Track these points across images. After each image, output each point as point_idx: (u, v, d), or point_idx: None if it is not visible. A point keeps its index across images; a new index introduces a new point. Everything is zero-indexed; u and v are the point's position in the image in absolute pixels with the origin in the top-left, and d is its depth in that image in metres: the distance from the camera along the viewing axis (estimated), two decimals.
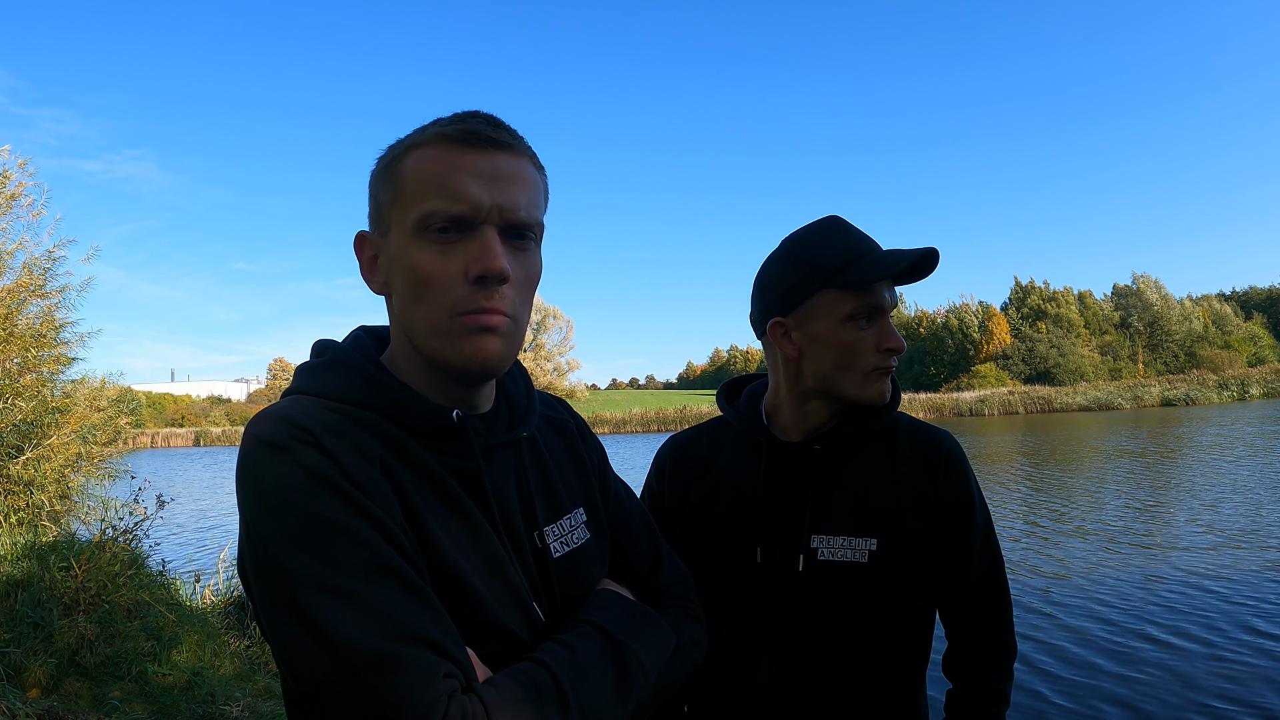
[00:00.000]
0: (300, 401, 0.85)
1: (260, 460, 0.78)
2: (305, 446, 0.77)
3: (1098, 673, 5.01)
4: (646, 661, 0.90)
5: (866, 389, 1.31)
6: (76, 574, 4.66)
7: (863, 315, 1.29)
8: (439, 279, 0.83)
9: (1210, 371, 54.73)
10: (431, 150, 0.85)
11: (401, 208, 0.85)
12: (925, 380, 69.99)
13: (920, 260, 1.28)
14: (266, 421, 0.81)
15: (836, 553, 1.29)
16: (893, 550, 1.29)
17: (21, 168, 7.46)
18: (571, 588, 0.95)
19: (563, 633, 0.88)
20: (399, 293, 0.87)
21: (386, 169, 0.88)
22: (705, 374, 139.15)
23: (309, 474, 0.76)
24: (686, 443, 1.50)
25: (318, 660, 0.72)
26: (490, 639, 0.83)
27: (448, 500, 0.86)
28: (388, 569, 0.75)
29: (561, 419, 1.10)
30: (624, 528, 1.09)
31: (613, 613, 0.94)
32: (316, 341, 0.95)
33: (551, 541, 0.95)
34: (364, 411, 0.85)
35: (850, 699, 1.28)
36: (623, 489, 1.14)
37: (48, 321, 7.43)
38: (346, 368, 0.89)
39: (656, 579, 1.07)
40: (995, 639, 1.34)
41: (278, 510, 0.75)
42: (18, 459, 6.64)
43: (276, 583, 0.74)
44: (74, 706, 3.81)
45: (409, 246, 0.84)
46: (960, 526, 1.33)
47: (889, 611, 1.30)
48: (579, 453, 1.09)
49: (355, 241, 0.92)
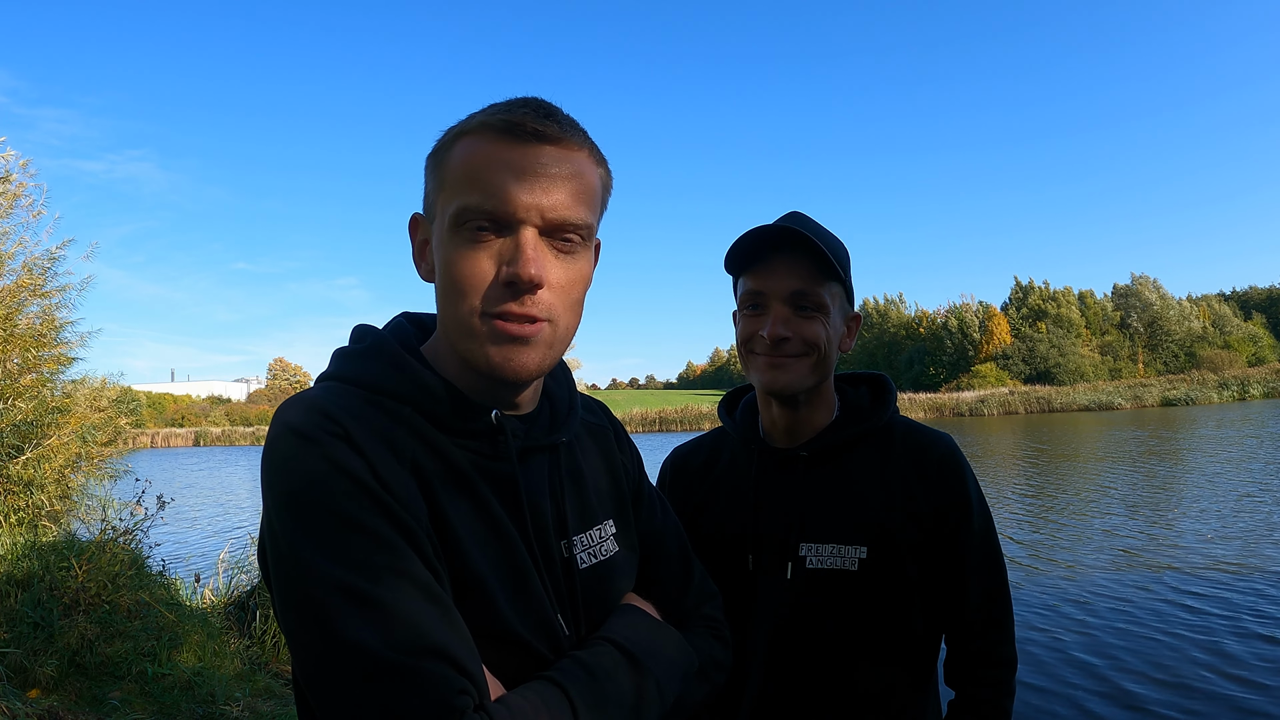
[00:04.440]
0: (334, 389, 0.81)
1: (288, 449, 0.75)
2: (335, 439, 0.74)
3: (1094, 675, 5.01)
4: (665, 683, 0.87)
5: (762, 376, 1.27)
6: (77, 574, 4.66)
7: (749, 303, 1.28)
8: (471, 278, 0.79)
9: (1210, 371, 54.64)
10: (475, 140, 0.81)
11: (444, 198, 0.82)
12: (925, 380, 69.92)
13: (777, 236, 1.23)
14: (298, 408, 0.77)
15: (825, 561, 1.26)
16: (884, 558, 1.25)
17: (23, 168, 7.46)
18: (597, 601, 0.92)
19: (582, 649, 0.85)
20: (439, 286, 0.84)
21: (435, 155, 0.85)
22: (705, 374, 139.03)
23: (337, 470, 0.73)
24: (687, 453, 1.49)
25: (329, 662, 0.70)
26: (506, 652, 0.81)
27: (478, 505, 0.82)
28: (409, 576, 0.72)
29: (600, 424, 1.06)
30: (656, 542, 1.04)
31: (635, 631, 0.90)
32: (357, 326, 0.91)
33: (579, 552, 0.91)
34: (399, 404, 0.81)
35: (840, 709, 1.25)
36: (657, 501, 1.10)
37: (48, 321, 7.41)
38: (385, 356, 0.85)
39: (685, 598, 1.03)
40: (993, 650, 1.28)
41: (302, 505, 0.73)
42: (18, 459, 6.63)
43: (295, 579, 0.72)
44: (74, 706, 3.80)
45: (446, 240, 0.81)
46: (954, 531, 1.27)
47: (883, 622, 1.26)
48: (614, 460, 1.04)
49: (410, 224, 0.88)
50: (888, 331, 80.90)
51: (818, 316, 1.25)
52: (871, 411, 1.35)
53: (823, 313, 1.25)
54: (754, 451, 1.36)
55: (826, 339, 1.26)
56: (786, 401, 1.30)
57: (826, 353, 1.27)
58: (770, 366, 1.26)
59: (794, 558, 1.27)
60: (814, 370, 1.27)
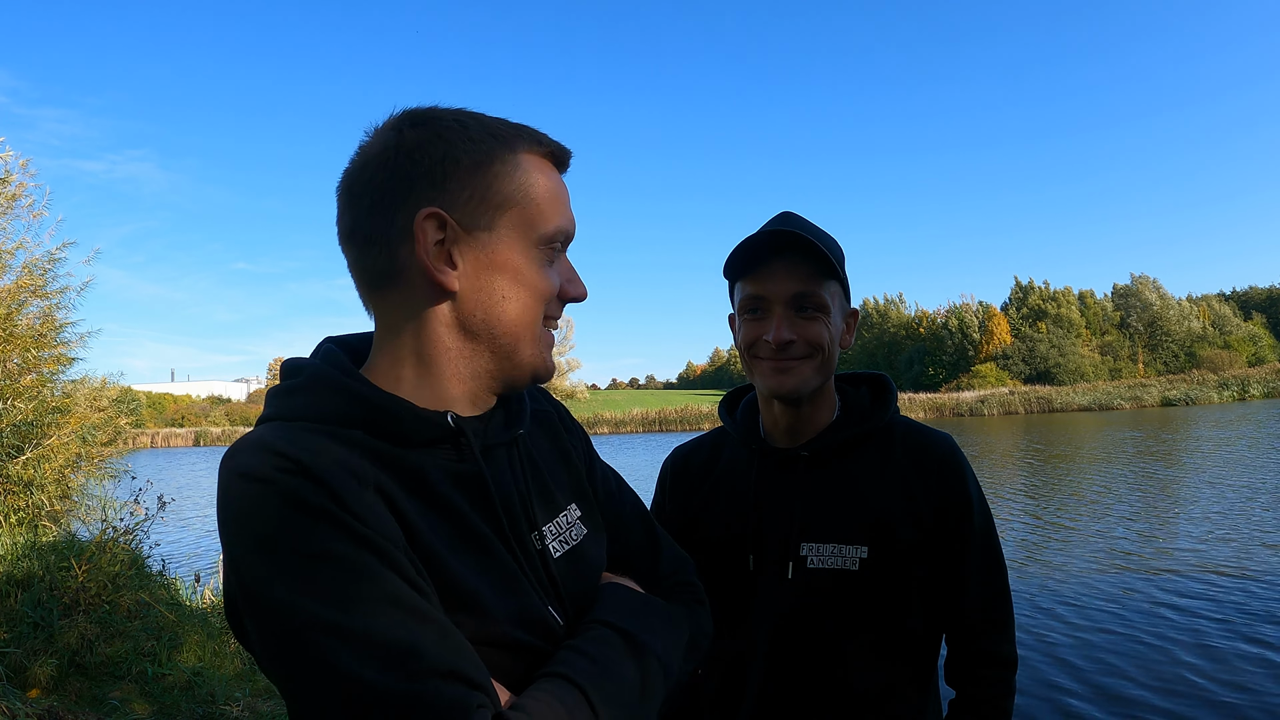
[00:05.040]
0: (277, 428, 0.78)
1: (243, 497, 0.72)
2: (291, 476, 0.71)
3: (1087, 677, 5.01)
4: (666, 659, 0.88)
5: (768, 381, 1.28)
6: (77, 574, 4.66)
7: (749, 307, 1.28)
8: (550, 292, 0.87)
9: (1210, 371, 54.70)
10: (541, 164, 0.87)
11: (526, 216, 0.85)
12: (925, 380, 69.92)
13: (775, 240, 1.24)
14: (244, 453, 0.74)
15: (826, 560, 1.26)
16: (885, 558, 1.24)
17: (23, 168, 7.47)
18: (576, 587, 0.91)
19: (578, 637, 0.85)
20: (490, 294, 0.84)
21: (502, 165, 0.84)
22: (705, 374, 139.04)
23: (299, 506, 0.70)
24: (687, 453, 1.50)
25: (335, 707, 0.67)
26: (508, 657, 0.80)
27: (448, 513, 0.81)
28: (398, 600, 0.70)
29: (543, 410, 1.05)
30: (617, 517, 1.05)
31: (626, 609, 0.90)
32: (285, 362, 0.89)
33: (551, 542, 0.91)
34: (349, 430, 0.79)
35: (840, 708, 1.25)
36: (611, 477, 1.10)
37: (48, 322, 7.43)
38: (325, 385, 0.82)
39: (656, 568, 1.04)
40: (993, 650, 1.29)
41: (271, 549, 0.69)
42: (18, 459, 6.64)
43: (281, 629, 0.68)
44: (74, 706, 3.80)
45: (533, 257, 0.85)
46: (955, 531, 1.28)
47: (883, 621, 1.26)
48: (563, 443, 1.04)
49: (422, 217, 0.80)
50: (888, 331, 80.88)
51: (820, 317, 1.25)
52: (872, 411, 1.35)
53: (824, 313, 1.25)
54: (755, 452, 1.36)
55: (829, 339, 1.26)
56: (790, 403, 1.30)
57: (830, 353, 1.27)
58: (776, 371, 1.26)
59: (795, 557, 1.27)
60: (818, 371, 1.27)
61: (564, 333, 64.28)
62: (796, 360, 1.25)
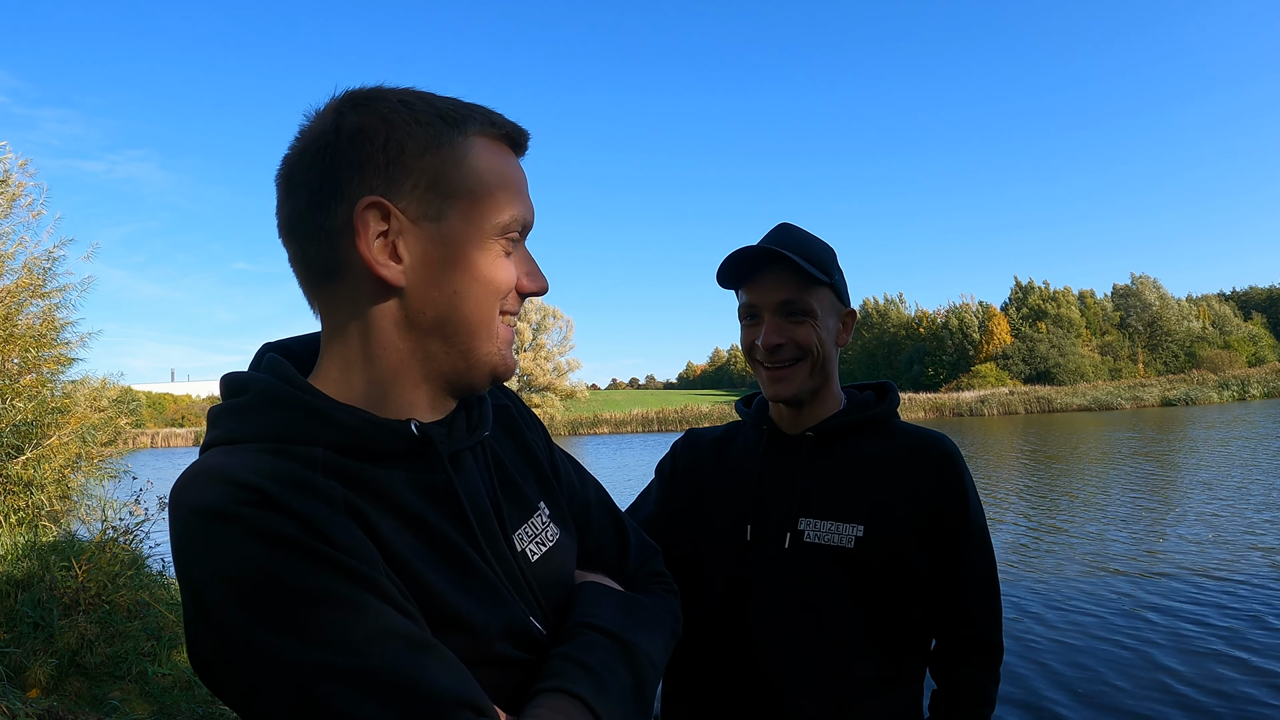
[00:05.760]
0: (231, 454, 0.71)
1: (205, 537, 0.65)
2: (255, 509, 0.65)
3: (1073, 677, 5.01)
4: (654, 657, 0.86)
5: (767, 388, 1.37)
6: (77, 574, 4.66)
7: (745, 314, 1.37)
8: (505, 284, 0.80)
9: (1210, 371, 54.64)
10: (494, 147, 0.80)
11: (478, 204, 0.78)
12: (925, 380, 69.90)
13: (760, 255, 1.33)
14: (198, 487, 0.67)
15: (823, 536, 1.32)
16: (880, 538, 1.30)
17: (22, 168, 7.47)
18: (554, 590, 0.88)
19: (568, 644, 0.81)
20: (440, 289, 0.77)
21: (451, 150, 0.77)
22: (705, 374, 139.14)
23: (269, 541, 0.64)
24: (702, 431, 1.58)
25: None
26: (496, 673, 0.76)
27: (421, 529, 0.76)
28: (394, 632, 0.65)
29: (500, 404, 0.99)
30: (585, 511, 1.01)
31: (610, 611, 0.88)
32: (225, 377, 0.81)
33: (527, 545, 0.87)
34: (309, 448, 0.72)
35: (835, 682, 1.29)
36: (571, 467, 1.05)
37: (48, 322, 7.43)
38: (276, 401, 0.75)
39: (628, 561, 1.01)
40: (984, 638, 1.35)
41: (244, 592, 0.63)
42: (18, 459, 6.64)
43: (265, 679, 0.63)
44: (74, 706, 3.80)
45: (487, 248, 0.78)
46: (953, 525, 1.34)
47: (876, 602, 1.30)
48: (524, 439, 0.98)
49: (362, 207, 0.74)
50: (888, 331, 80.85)
51: (807, 321, 1.32)
52: (876, 404, 1.43)
53: (812, 317, 1.33)
54: (764, 432, 1.44)
55: (819, 340, 1.33)
56: (792, 405, 1.39)
57: (822, 353, 1.34)
58: (774, 380, 1.34)
59: (793, 530, 1.33)
60: (812, 374, 1.34)
61: (564, 333, 64.27)
62: (789, 365, 1.33)
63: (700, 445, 1.52)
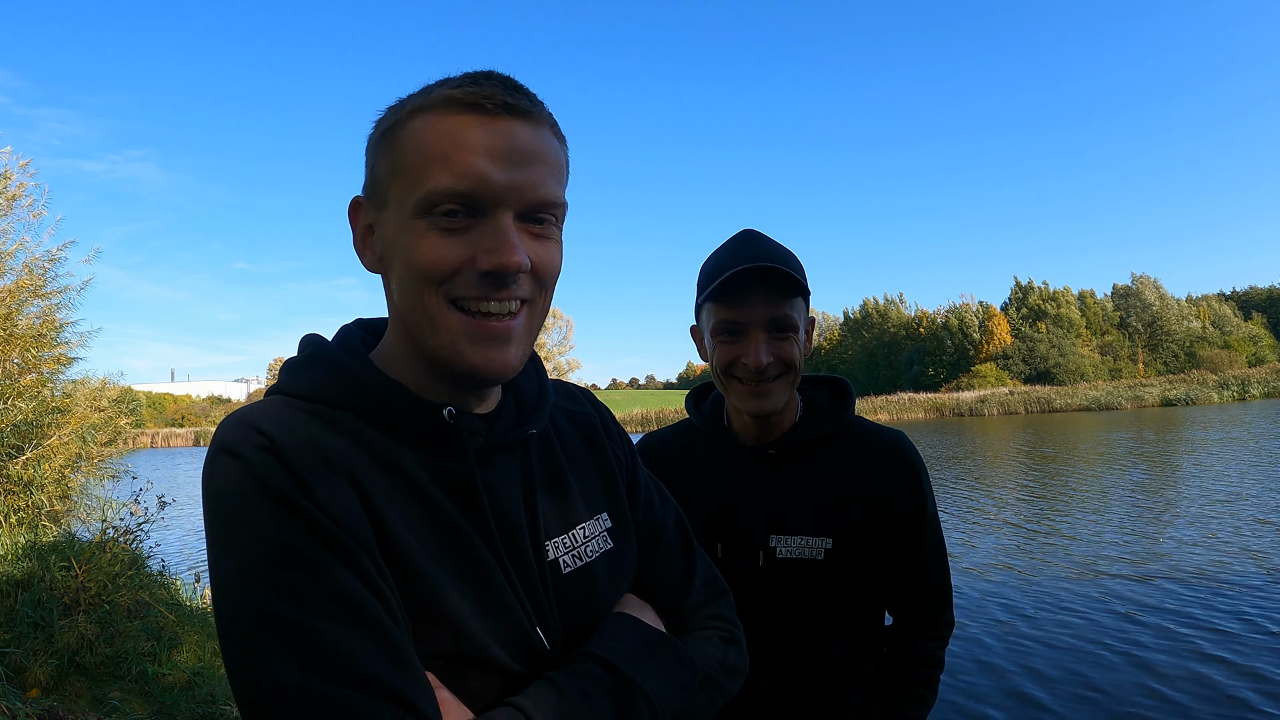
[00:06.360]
0: (272, 403, 0.76)
1: (217, 469, 0.70)
2: (261, 453, 0.69)
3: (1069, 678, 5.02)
4: (658, 696, 0.79)
5: (746, 404, 1.35)
6: (77, 574, 4.67)
7: (725, 330, 1.34)
8: (444, 270, 0.72)
9: (1210, 371, 54.70)
10: (437, 117, 0.73)
11: (402, 183, 0.74)
12: (925, 380, 69.95)
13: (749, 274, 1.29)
14: (230, 424, 0.72)
15: (794, 551, 1.36)
16: (848, 548, 1.36)
17: (23, 169, 7.48)
18: (583, 608, 0.84)
19: (560, 669, 0.78)
20: (397, 279, 0.76)
21: (386, 135, 0.77)
22: (705, 374, 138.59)
23: (261, 487, 0.67)
24: (660, 439, 1.57)
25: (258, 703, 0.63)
26: (477, 675, 0.74)
27: (432, 516, 0.75)
28: (346, 601, 0.65)
29: (584, 412, 0.98)
30: (655, 538, 0.97)
31: (621, 642, 0.82)
32: (305, 336, 0.85)
33: (561, 555, 0.84)
34: (339, 412, 0.75)
35: (807, 681, 1.37)
36: (655, 492, 1.02)
37: (48, 322, 7.43)
38: (325, 364, 0.79)
39: (688, 596, 0.96)
40: (940, 613, 1.46)
41: (230, 528, 0.67)
42: (18, 459, 6.64)
43: (223, 609, 0.66)
44: (74, 706, 3.81)
45: (410, 229, 0.73)
46: (913, 522, 1.41)
47: (843, 602, 1.39)
48: (603, 451, 0.96)
49: (350, 208, 0.80)
50: (888, 331, 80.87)
51: (791, 337, 1.34)
52: (833, 412, 1.46)
53: (795, 331, 1.34)
54: (725, 448, 1.46)
55: (799, 355, 1.36)
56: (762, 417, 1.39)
57: (799, 367, 1.37)
58: (755, 396, 1.34)
59: (765, 548, 1.37)
60: (790, 387, 1.37)
61: (564, 333, 64.29)
62: (772, 381, 1.33)
63: (661, 459, 1.50)
